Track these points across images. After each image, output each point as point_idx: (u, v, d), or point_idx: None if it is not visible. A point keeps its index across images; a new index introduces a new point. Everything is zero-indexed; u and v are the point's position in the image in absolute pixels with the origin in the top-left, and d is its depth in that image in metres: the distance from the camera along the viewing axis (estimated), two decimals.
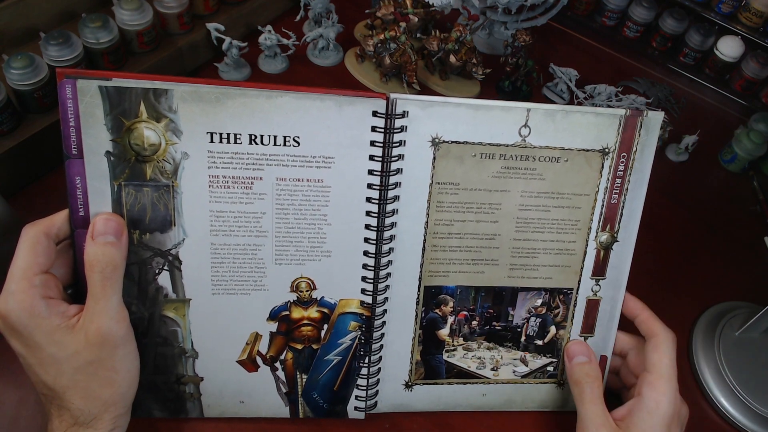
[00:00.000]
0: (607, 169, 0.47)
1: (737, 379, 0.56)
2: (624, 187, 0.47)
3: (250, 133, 0.42)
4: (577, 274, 0.49)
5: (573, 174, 0.47)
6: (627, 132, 0.46)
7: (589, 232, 0.48)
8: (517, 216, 0.47)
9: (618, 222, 0.48)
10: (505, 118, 0.45)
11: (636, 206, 0.48)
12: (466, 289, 0.49)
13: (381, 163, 0.44)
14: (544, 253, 0.48)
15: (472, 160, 0.45)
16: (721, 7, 0.89)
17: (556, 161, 0.46)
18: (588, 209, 0.48)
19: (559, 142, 0.46)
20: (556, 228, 0.48)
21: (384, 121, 0.43)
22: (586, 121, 0.45)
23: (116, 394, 0.41)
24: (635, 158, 0.47)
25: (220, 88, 0.41)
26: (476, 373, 0.51)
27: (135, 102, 0.40)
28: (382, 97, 0.42)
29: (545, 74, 0.83)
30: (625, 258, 0.49)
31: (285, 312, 0.46)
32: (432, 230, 0.47)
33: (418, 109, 0.43)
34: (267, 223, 0.44)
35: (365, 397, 0.49)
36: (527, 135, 0.45)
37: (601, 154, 0.46)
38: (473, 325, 0.50)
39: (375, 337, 0.48)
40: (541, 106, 0.45)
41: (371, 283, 0.46)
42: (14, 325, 0.38)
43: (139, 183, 0.42)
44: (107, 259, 0.39)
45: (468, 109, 0.44)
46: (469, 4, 0.82)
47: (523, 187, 0.46)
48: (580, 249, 0.49)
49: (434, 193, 0.46)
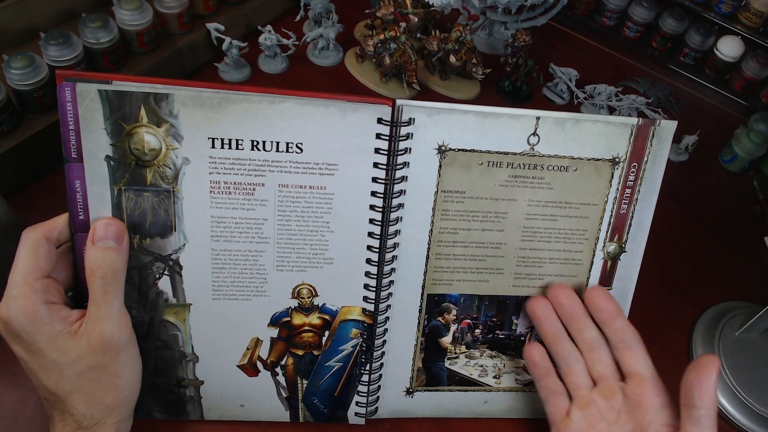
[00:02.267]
0: (617, 179, 0.46)
1: (737, 379, 0.56)
2: (634, 197, 0.47)
3: (252, 139, 0.41)
4: (583, 284, 0.49)
5: (582, 183, 0.46)
6: (638, 142, 0.45)
7: (597, 242, 0.48)
8: (524, 225, 0.47)
9: (627, 232, 0.48)
10: (514, 125, 0.44)
11: (645, 217, 0.47)
12: (469, 298, 0.48)
13: (386, 170, 0.43)
14: (549, 262, 0.48)
15: (479, 168, 0.44)
16: (721, 7, 0.89)
17: (565, 170, 0.45)
18: (596, 219, 0.47)
19: (568, 151, 0.45)
20: (563, 238, 0.47)
21: (389, 128, 0.42)
22: (597, 130, 0.44)
23: (119, 398, 0.41)
24: (646, 168, 0.46)
25: (222, 93, 0.40)
26: (478, 381, 0.51)
27: (135, 106, 0.39)
28: (388, 104, 0.41)
29: (545, 74, 0.83)
30: (632, 268, 0.49)
31: (286, 318, 0.46)
32: (436, 238, 0.46)
33: (425, 116, 0.42)
34: (269, 230, 0.43)
35: (366, 403, 0.49)
36: (536, 143, 0.44)
37: (611, 163, 0.46)
38: (476, 333, 0.50)
39: (377, 345, 0.48)
40: (551, 114, 0.44)
41: (373, 291, 0.46)
42: (16, 331, 0.38)
43: (140, 188, 0.41)
44: (108, 264, 0.39)
45: (476, 117, 0.43)
46: (469, 4, 0.82)
47: (530, 196, 0.46)
48: (587, 259, 0.48)
49: (439, 202, 0.45)
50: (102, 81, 0.39)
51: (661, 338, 0.60)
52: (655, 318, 0.62)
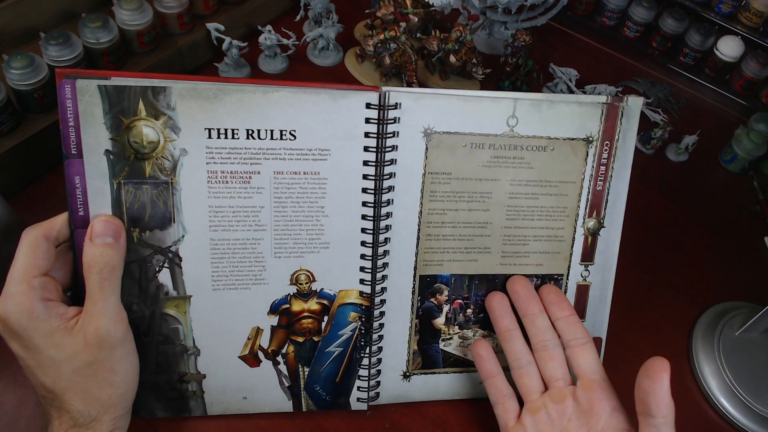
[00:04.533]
0: (592, 157, 0.48)
1: (737, 379, 0.56)
2: (608, 174, 0.49)
3: (247, 128, 0.42)
4: (567, 260, 0.50)
5: (559, 162, 0.48)
6: (609, 121, 0.48)
7: (577, 218, 0.50)
8: (508, 204, 0.48)
9: (604, 208, 0.50)
10: (494, 108, 0.46)
11: (620, 192, 0.49)
12: (460, 278, 0.49)
13: (375, 153, 0.44)
14: (534, 240, 0.49)
15: (463, 150, 0.46)
16: (721, 7, 0.89)
17: (543, 150, 0.47)
18: (575, 196, 0.49)
19: (545, 132, 0.47)
20: (545, 215, 0.49)
21: (377, 112, 0.43)
22: (570, 110, 0.47)
23: (115, 395, 0.41)
24: (618, 146, 0.48)
25: (217, 85, 0.41)
26: (472, 361, 0.51)
27: (134, 100, 0.40)
28: (375, 90, 0.43)
29: (545, 74, 0.83)
30: (612, 243, 0.50)
31: (285, 305, 0.47)
32: (426, 219, 0.47)
33: (410, 100, 0.44)
34: (266, 217, 0.44)
35: (367, 388, 0.50)
36: (515, 125, 0.46)
37: (585, 142, 0.48)
38: (468, 313, 0.51)
39: (374, 327, 0.48)
40: (527, 95, 0.46)
41: (369, 272, 0.47)
42: (13, 328, 0.38)
43: (139, 181, 0.42)
44: (105, 259, 0.40)
45: (458, 101, 0.45)
46: (469, 4, 0.82)
47: (513, 175, 0.47)
48: (569, 235, 0.50)
49: (427, 183, 0.46)
50: (101, 77, 0.39)
51: (661, 338, 0.60)
52: (655, 318, 0.62)
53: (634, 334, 0.60)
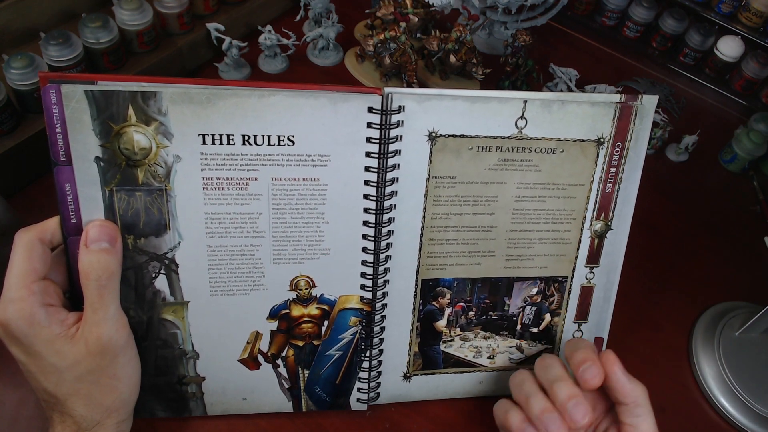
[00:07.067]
0: (602, 158, 0.47)
1: (737, 379, 0.56)
2: (618, 176, 0.48)
3: (243, 134, 0.41)
4: (572, 262, 0.50)
5: (568, 164, 0.47)
6: (622, 121, 0.46)
7: (584, 221, 0.49)
8: (513, 207, 0.47)
9: (612, 210, 0.49)
10: (502, 109, 0.44)
11: (630, 194, 0.48)
12: (462, 281, 0.49)
13: (378, 159, 0.43)
14: (539, 243, 0.49)
15: (469, 154, 0.45)
16: (721, 7, 0.89)
17: (552, 152, 0.46)
18: (583, 199, 0.48)
19: (555, 133, 0.46)
20: (552, 218, 0.48)
21: (380, 117, 0.42)
22: (582, 111, 0.45)
23: (118, 400, 0.41)
24: (629, 147, 0.47)
25: (210, 89, 0.39)
26: (473, 362, 0.51)
27: (123, 105, 0.39)
28: (377, 93, 0.42)
29: (545, 74, 0.83)
30: (618, 245, 0.50)
31: (285, 310, 0.46)
32: (429, 224, 0.47)
33: (415, 103, 0.43)
34: (264, 224, 0.43)
35: (367, 389, 0.50)
36: (524, 126, 0.45)
37: (596, 143, 0.47)
38: (470, 315, 0.50)
39: (375, 332, 0.48)
40: (537, 95, 0.44)
41: (370, 279, 0.46)
42: (14, 334, 0.38)
43: (131, 188, 0.41)
44: (102, 266, 0.39)
45: (465, 102, 0.44)
46: (469, 4, 0.82)
47: (519, 178, 0.47)
48: (575, 238, 0.49)
49: (431, 188, 0.46)
50: (87, 81, 0.38)
51: (661, 338, 0.60)
52: (655, 318, 0.62)
53: (635, 334, 0.60)
